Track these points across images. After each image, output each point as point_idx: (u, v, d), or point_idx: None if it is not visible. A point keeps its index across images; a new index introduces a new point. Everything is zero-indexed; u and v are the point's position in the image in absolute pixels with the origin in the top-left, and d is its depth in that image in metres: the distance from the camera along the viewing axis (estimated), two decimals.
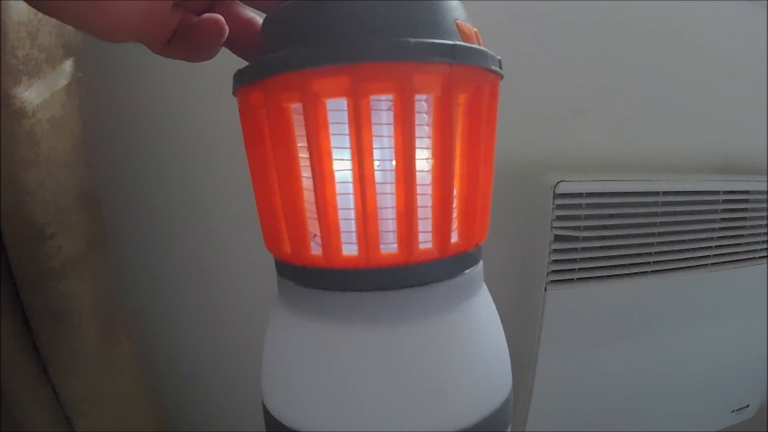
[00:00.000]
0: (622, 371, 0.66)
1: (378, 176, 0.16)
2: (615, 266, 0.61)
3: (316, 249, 0.17)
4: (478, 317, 0.19)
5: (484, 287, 0.20)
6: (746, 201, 0.67)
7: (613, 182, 0.60)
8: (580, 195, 0.58)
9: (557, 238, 0.58)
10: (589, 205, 0.58)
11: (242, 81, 0.18)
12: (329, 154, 0.16)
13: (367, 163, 0.15)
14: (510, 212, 0.64)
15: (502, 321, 0.20)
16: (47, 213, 0.37)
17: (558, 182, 0.56)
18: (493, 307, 0.20)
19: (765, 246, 0.70)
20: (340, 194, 0.16)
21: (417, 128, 0.16)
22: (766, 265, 0.70)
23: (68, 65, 0.39)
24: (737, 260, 0.68)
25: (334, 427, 0.17)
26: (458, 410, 0.17)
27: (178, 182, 0.52)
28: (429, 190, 0.17)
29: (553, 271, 0.58)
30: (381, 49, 0.15)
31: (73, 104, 0.40)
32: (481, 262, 0.20)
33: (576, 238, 0.59)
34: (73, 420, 0.44)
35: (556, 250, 0.58)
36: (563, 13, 0.59)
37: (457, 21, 0.17)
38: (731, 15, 0.68)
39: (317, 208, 0.16)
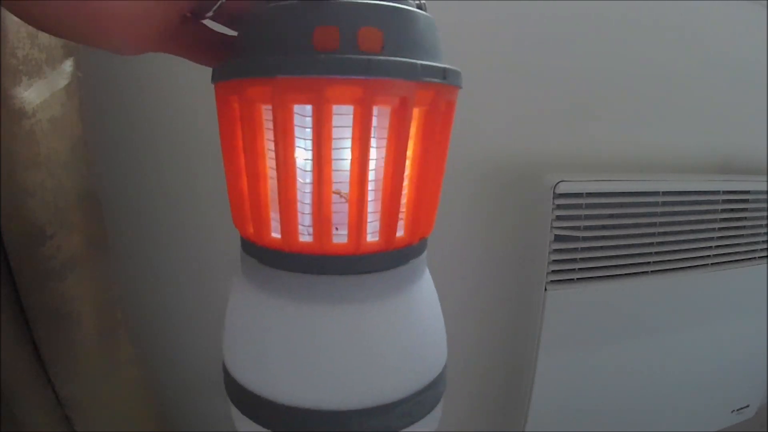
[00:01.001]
0: (622, 371, 0.66)
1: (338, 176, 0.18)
2: (615, 266, 0.61)
3: (276, 233, 0.19)
4: (420, 300, 0.22)
5: (427, 273, 0.23)
6: (746, 201, 0.67)
7: (613, 182, 0.60)
8: (580, 195, 0.58)
9: (557, 238, 0.58)
10: (589, 205, 0.59)
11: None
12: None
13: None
14: (510, 212, 0.64)
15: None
16: (47, 213, 0.37)
17: (558, 182, 0.56)
18: (434, 290, 0.23)
19: (765, 246, 0.70)
20: (299, 190, 0.19)
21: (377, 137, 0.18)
22: (766, 265, 0.70)
23: (68, 65, 0.39)
24: (737, 260, 0.68)
25: (286, 392, 0.19)
26: (400, 381, 0.20)
27: (178, 182, 0.52)
28: (380, 191, 0.19)
29: (553, 271, 0.58)
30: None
31: (73, 104, 0.40)
32: (425, 252, 0.22)
33: (576, 238, 0.59)
34: (73, 420, 0.44)
35: (556, 250, 0.58)
36: (562, 13, 0.59)
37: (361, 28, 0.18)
38: (731, 15, 0.69)
39: (279, 200, 0.18)
